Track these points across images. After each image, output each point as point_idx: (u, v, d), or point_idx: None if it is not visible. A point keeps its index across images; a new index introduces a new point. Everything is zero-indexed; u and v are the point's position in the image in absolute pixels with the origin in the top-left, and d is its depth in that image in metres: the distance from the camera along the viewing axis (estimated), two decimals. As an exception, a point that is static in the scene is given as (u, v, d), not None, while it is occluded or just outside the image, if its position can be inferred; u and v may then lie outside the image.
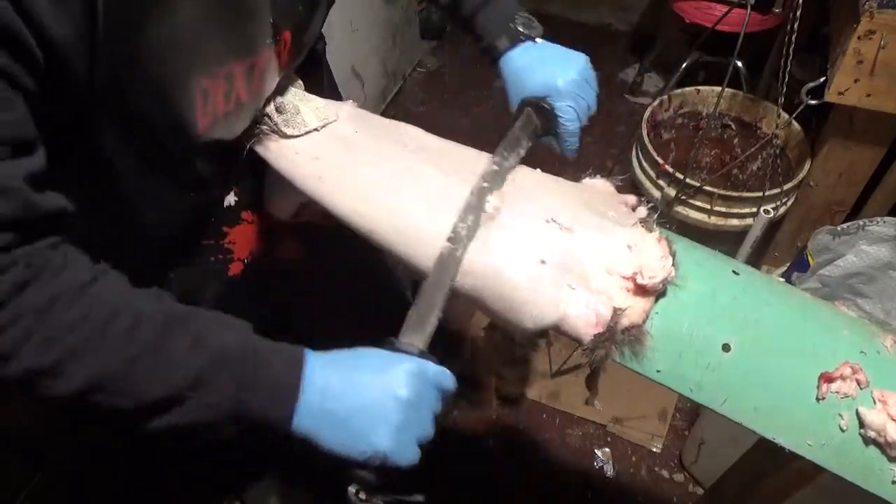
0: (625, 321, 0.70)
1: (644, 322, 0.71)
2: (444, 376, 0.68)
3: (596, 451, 1.81)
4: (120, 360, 0.57)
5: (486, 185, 0.78)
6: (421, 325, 0.70)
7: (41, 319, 0.55)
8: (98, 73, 0.57)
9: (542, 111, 0.89)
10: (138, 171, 0.69)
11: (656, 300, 0.72)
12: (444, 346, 1.49)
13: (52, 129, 0.59)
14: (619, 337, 0.70)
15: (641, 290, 0.71)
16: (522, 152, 0.85)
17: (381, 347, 0.67)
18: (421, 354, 0.68)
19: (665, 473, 1.77)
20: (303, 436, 0.62)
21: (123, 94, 0.61)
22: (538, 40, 0.92)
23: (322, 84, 1.04)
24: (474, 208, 0.76)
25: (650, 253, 0.72)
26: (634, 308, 0.70)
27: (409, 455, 0.64)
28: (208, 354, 0.59)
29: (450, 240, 0.74)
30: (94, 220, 0.73)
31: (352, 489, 0.65)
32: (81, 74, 0.56)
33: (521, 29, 0.90)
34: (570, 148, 0.93)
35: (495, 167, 0.80)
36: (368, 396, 0.63)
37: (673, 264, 0.72)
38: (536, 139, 0.89)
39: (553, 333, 0.74)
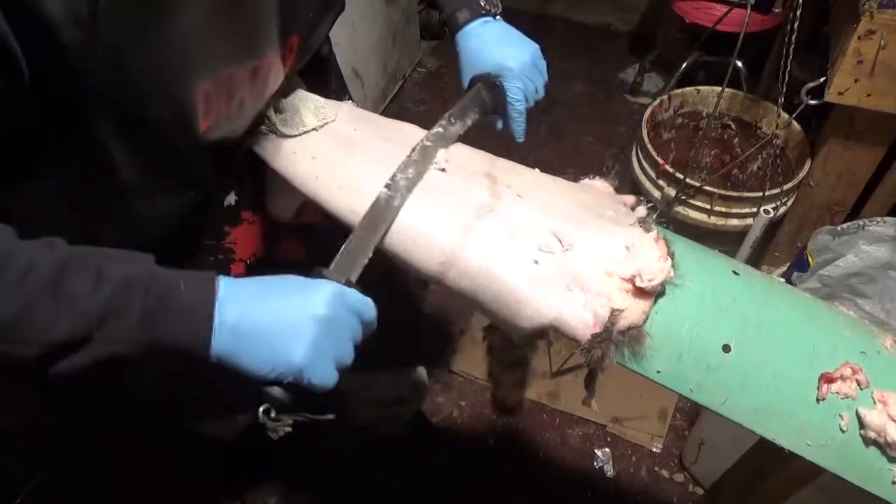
0: (623, 322, 0.70)
1: (643, 323, 0.71)
2: (366, 304, 0.68)
3: (596, 451, 1.81)
4: (15, 307, 0.54)
5: (429, 143, 0.80)
6: (349, 264, 0.71)
7: None
8: (95, 62, 0.56)
9: (492, 88, 0.92)
10: (137, 169, 0.68)
11: (655, 300, 0.72)
12: (443, 346, 1.49)
13: (44, 125, 0.58)
14: (616, 338, 0.70)
15: (640, 292, 0.71)
16: (469, 122, 0.88)
17: (305, 276, 0.67)
18: (346, 284, 0.68)
19: (665, 473, 1.77)
20: (219, 359, 0.62)
21: (122, 91, 0.60)
22: (497, 18, 0.95)
23: (329, 86, 1.05)
24: (416, 163, 0.78)
25: (648, 254, 0.72)
26: (633, 309, 0.70)
27: (324, 373, 0.64)
28: (111, 287, 0.57)
29: (387, 186, 0.75)
30: (94, 217, 0.73)
31: (261, 409, 0.65)
32: (76, 57, 0.55)
33: (482, 3, 0.94)
34: (518, 129, 0.97)
35: (440, 129, 0.83)
36: (286, 314, 0.63)
37: (672, 265, 0.72)
38: (483, 115, 0.93)
39: (553, 334, 0.74)
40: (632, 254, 0.73)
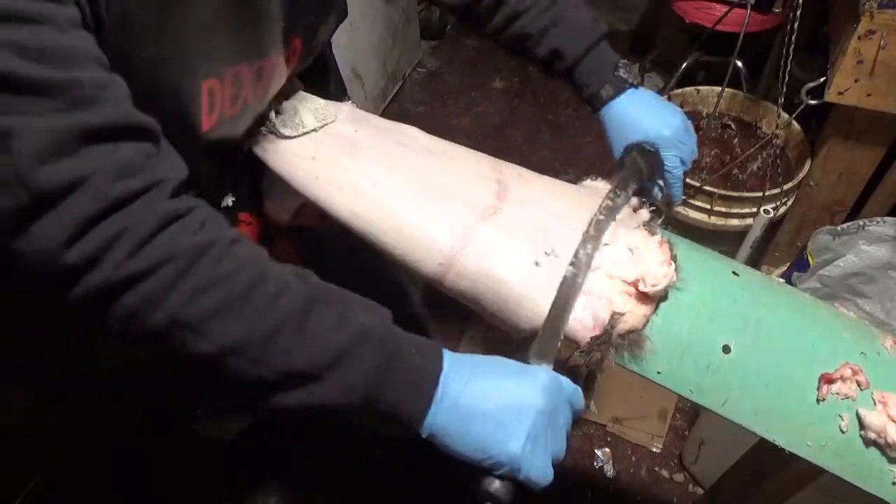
0: (623, 325, 0.70)
1: (644, 326, 0.71)
2: (577, 394, 0.67)
3: (596, 451, 1.81)
4: (264, 326, 0.54)
5: (602, 217, 0.78)
6: (547, 348, 0.70)
7: (191, 267, 0.53)
8: (112, 48, 0.56)
9: (646, 155, 0.90)
10: None
11: (657, 305, 0.72)
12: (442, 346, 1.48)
13: None
14: (616, 341, 0.70)
15: (642, 296, 0.71)
16: (631, 192, 0.85)
17: (516, 359, 0.67)
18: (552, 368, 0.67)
19: (665, 473, 1.77)
20: (432, 434, 0.60)
21: (128, 88, 0.60)
22: (639, 87, 0.95)
23: (328, 87, 1.04)
24: (592, 238, 0.75)
25: (652, 257, 0.72)
26: (634, 312, 0.70)
27: (541, 468, 0.61)
28: (351, 334, 0.57)
29: (572, 264, 0.73)
30: None
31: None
32: (107, 38, 0.55)
33: (624, 76, 0.94)
34: (677, 193, 0.96)
35: (609, 202, 0.80)
36: (504, 401, 0.61)
37: (675, 269, 0.72)
38: (641, 183, 0.90)
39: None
40: (635, 257, 0.73)
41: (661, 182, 0.93)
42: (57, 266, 0.50)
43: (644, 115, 0.93)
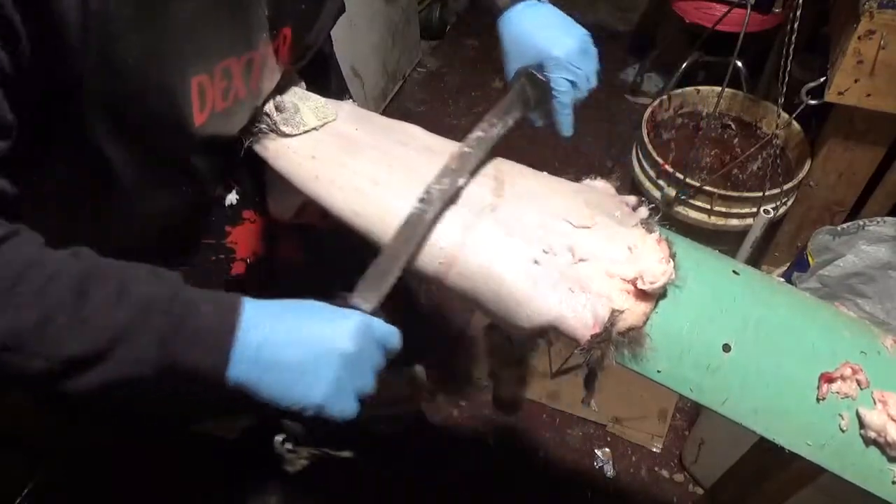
0: (623, 323, 0.70)
1: (644, 324, 0.71)
2: (391, 335, 0.67)
3: (596, 451, 1.81)
4: (33, 319, 0.52)
5: (468, 150, 0.76)
6: (376, 285, 0.69)
7: None
8: (89, 63, 0.56)
9: (536, 83, 0.85)
10: (133, 166, 0.68)
11: (656, 302, 0.72)
12: (443, 345, 1.48)
13: (39, 118, 0.58)
14: (616, 339, 0.70)
15: (642, 294, 0.71)
16: (511, 122, 0.82)
17: (331, 302, 0.66)
18: (372, 313, 0.67)
19: (665, 473, 1.77)
20: (238, 385, 0.60)
21: (116, 86, 0.60)
22: (543, 1, 0.88)
23: (330, 85, 1.04)
24: (452, 172, 0.74)
25: (651, 255, 0.72)
26: (633, 310, 0.70)
27: (345, 408, 0.63)
28: (130, 306, 0.56)
29: (421, 200, 0.72)
30: (93, 218, 0.73)
31: (279, 438, 0.64)
32: (74, 41, 0.55)
33: None
34: (564, 121, 0.89)
35: (480, 133, 0.78)
36: (311, 349, 0.61)
37: (674, 267, 0.72)
38: (528, 112, 0.86)
39: (553, 333, 0.74)
40: (634, 255, 0.73)
41: (550, 109, 0.88)
42: None
43: (538, 30, 0.85)
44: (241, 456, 1.66)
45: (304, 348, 0.61)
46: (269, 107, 0.82)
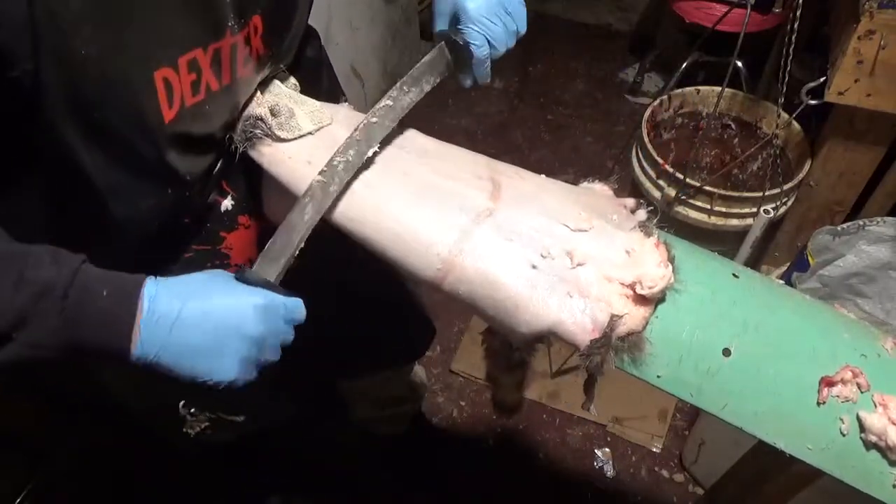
0: (623, 328, 0.70)
1: (643, 329, 0.71)
2: (296, 309, 0.69)
3: (596, 451, 1.81)
4: None
5: (375, 120, 0.76)
6: (277, 257, 0.71)
7: None
8: (45, 63, 0.56)
9: (455, 45, 0.84)
10: (106, 168, 0.68)
11: (655, 306, 0.72)
12: (427, 336, 1.45)
13: (6, 135, 0.58)
14: (616, 343, 0.70)
15: (641, 299, 0.71)
16: (427, 88, 0.81)
17: (233, 276, 0.68)
18: (271, 286, 0.68)
19: (665, 473, 1.77)
20: (145, 364, 0.62)
21: (76, 87, 0.59)
22: None
23: (320, 85, 1.03)
24: (357, 143, 0.74)
25: (649, 259, 0.72)
26: (633, 315, 0.70)
27: (249, 379, 0.66)
28: (30, 291, 0.56)
29: (322, 173, 0.73)
30: (73, 224, 0.72)
31: (181, 403, 0.68)
32: (24, 61, 0.55)
33: None
34: (480, 74, 0.87)
35: (389, 102, 0.78)
36: (218, 332, 0.63)
37: (673, 270, 0.72)
38: (447, 76, 0.85)
39: (553, 338, 0.74)
40: (632, 259, 0.73)
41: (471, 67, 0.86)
42: None
43: None
44: (241, 456, 1.67)
45: (211, 331, 0.63)
46: (264, 111, 0.81)
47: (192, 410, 0.68)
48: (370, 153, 0.77)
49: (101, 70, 0.60)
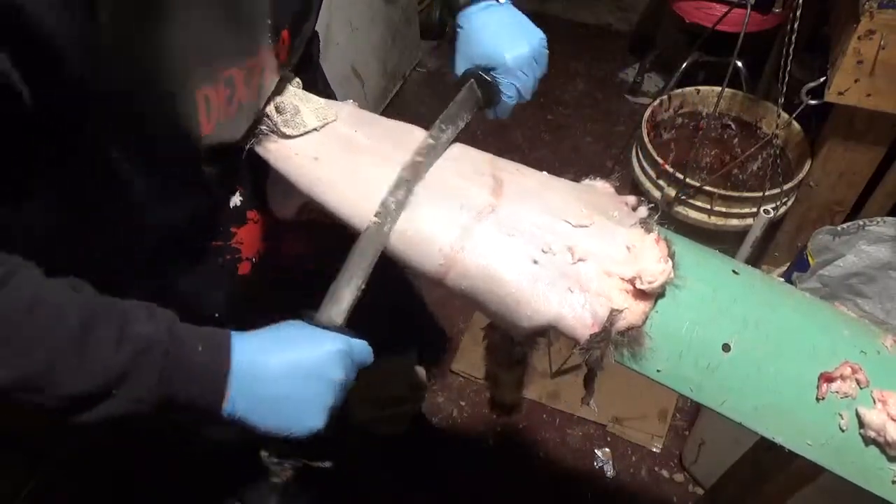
0: (622, 322, 0.70)
1: (643, 323, 0.71)
2: (368, 354, 0.70)
3: (596, 451, 1.81)
4: (42, 361, 0.54)
5: (420, 159, 0.77)
6: (340, 300, 0.71)
7: None
8: (100, 79, 0.56)
9: (484, 84, 0.87)
10: (144, 179, 0.68)
11: (655, 301, 0.72)
12: (440, 345, 1.47)
13: (46, 143, 0.58)
14: (615, 338, 0.70)
15: (640, 294, 0.71)
16: (462, 124, 0.83)
17: (303, 321, 0.68)
18: (343, 330, 0.69)
19: (665, 473, 1.77)
20: (235, 420, 0.63)
21: (127, 103, 0.60)
22: (503, 2, 0.89)
23: (317, 85, 1.04)
24: (406, 182, 0.75)
25: (649, 254, 0.72)
26: (633, 309, 0.70)
27: (322, 426, 0.66)
28: (132, 348, 0.58)
29: (377, 214, 0.74)
30: (100, 229, 0.73)
31: (264, 453, 0.67)
32: (78, 77, 0.55)
33: None
34: (504, 115, 0.93)
35: (431, 141, 0.79)
36: (308, 380, 0.64)
37: (672, 266, 0.72)
38: (476, 111, 0.89)
39: (553, 333, 0.74)
40: (632, 254, 0.73)
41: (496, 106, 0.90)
42: None
43: (493, 33, 0.86)
44: (241, 456, 1.67)
45: (300, 381, 0.64)
46: (270, 108, 0.82)
47: (275, 460, 0.68)
48: (416, 191, 0.78)
49: (148, 93, 0.61)
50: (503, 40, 0.86)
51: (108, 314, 0.59)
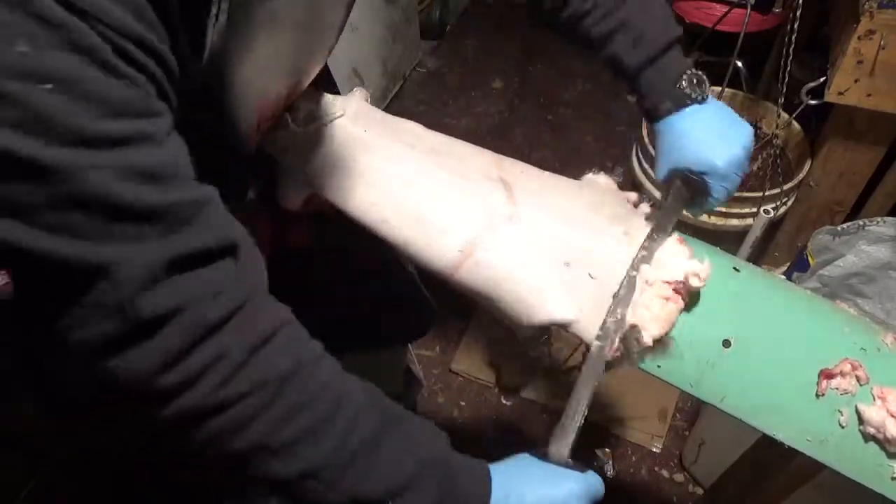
0: (648, 335, 0.70)
1: (670, 329, 0.71)
2: (601, 486, 0.71)
3: (596, 451, 1.81)
4: (341, 453, 0.56)
5: (634, 273, 0.74)
6: (567, 434, 0.73)
7: (277, 395, 0.53)
8: (192, 92, 0.57)
9: (690, 184, 0.83)
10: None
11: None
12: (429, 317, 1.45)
13: None
14: (642, 351, 0.71)
15: (680, 294, 0.72)
16: (670, 228, 0.80)
17: (537, 457, 0.71)
18: (573, 466, 0.71)
19: (665, 473, 1.76)
20: None
21: (188, 114, 0.60)
22: (706, 101, 0.84)
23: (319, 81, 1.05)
24: (622, 301, 0.73)
25: (678, 255, 0.73)
26: (669, 317, 0.71)
27: None
28: (417, 461, 0.59)
29: (598, 337, 0.73)
30: None
31: None
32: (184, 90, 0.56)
33: (688, 91, 0.82)
34: (708, 210, 0.90)
35: (644, 252, 0.76)
36: None
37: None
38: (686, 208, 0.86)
39: (554, 332, 0.74)
40: (658, 259, 0.74)
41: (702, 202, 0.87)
42: (150, 388, 0.50)
43: (701, 138, 0.82)
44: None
45: None
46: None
47: None
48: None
49: (226, 103, 0.63)
50: (713, 145, 0.82)
51: (399, 421, 0.61)
